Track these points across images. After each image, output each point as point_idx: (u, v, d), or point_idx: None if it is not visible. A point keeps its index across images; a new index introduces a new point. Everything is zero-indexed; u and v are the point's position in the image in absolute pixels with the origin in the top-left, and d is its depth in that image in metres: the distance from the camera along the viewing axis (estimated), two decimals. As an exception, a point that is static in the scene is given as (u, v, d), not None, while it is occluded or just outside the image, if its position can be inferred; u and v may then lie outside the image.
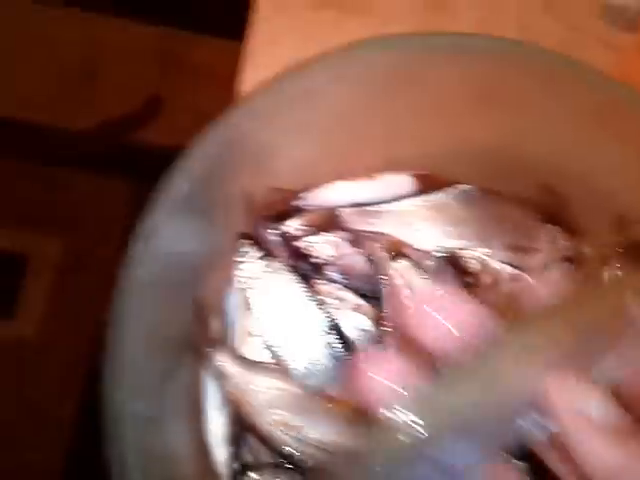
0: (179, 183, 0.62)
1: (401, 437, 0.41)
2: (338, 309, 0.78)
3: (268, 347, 0.75)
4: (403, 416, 0.42)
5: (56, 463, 1.75)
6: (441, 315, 0.47)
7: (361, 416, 0.74)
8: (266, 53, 0.95)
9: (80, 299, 1.91)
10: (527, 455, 0.67)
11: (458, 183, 0.81)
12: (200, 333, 0.75)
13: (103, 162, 2.07)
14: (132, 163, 2.06)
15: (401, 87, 0.75)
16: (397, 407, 0.42)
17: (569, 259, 0.82)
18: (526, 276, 0.78)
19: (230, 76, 1.00)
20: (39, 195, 1.98)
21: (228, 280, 0.77)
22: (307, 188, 0.81)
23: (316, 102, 0.72)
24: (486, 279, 0.77)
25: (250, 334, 0.76)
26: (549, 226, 0.81)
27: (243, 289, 0.76)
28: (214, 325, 0.76)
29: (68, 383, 1.83)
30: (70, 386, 1.82)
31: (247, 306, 0.75)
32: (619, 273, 0.76)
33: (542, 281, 0.79)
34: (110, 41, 2.14)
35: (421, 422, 0.41)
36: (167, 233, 0.62)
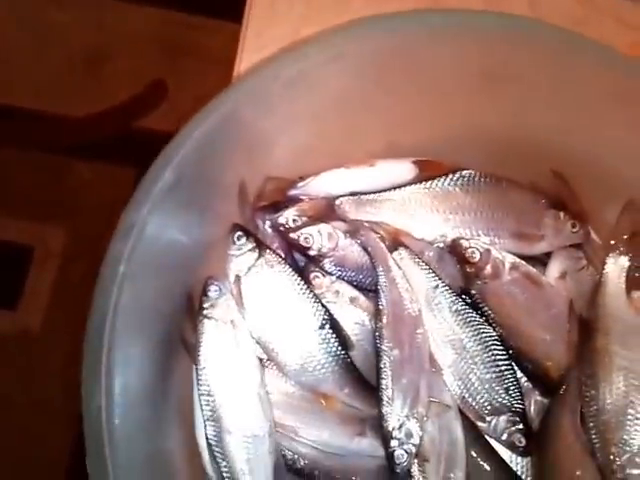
0: (162, 174, 0.60)
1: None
2: (334, 302, 0.75)
3: (260, 342, 0.72)
4: None
5: (62, 454, 1.74)
6: None
7: (352, 415, 0.73)
8: (265, 34, 0.92)
9: (85, 288, 1.89)
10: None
11: (461, 169, 0.79)
12: (191, 326, 0.72)
13: (107, 149, 2.05)
14: (136, 149, 2.04)
15: (401, 68, 0.72)
16: None
17: (575, 245, 0.79)
18: (527, 265, 0.76)
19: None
20: (42, 184, 1.97)
21: (221, 272, 0.75)
22: (304, 176, 0.78)
23: (312, 84, 0.70)
24: (487, 269, 0.74)
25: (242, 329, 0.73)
26: (555, 212, 0.78)
27: (236, 281, 0.73)
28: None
29: (73, 374, 1.82)
30: (76, 377, 1.81)
31: (239, 300, 0.73)
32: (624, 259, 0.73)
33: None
34: (114, 26, 2.12)
35: None
36: (151, 228, 0.60)
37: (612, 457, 0.67)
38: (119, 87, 2.10)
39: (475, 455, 0.72)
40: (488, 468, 0.72)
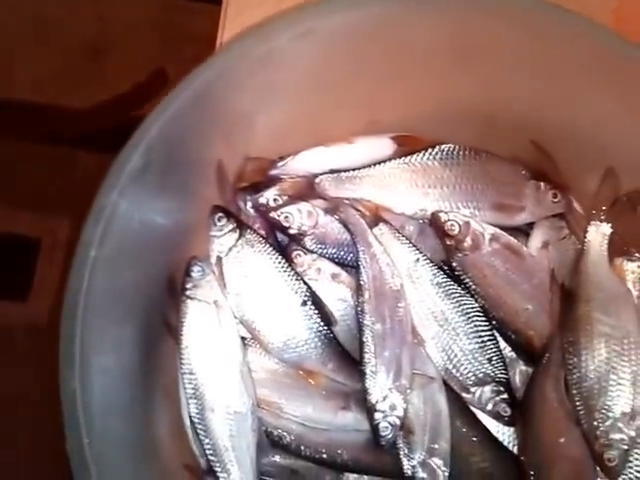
0: (130, 158, 0.60)
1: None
2: (315, 280, 0.76)
3: (244, 321, 0.73)
4: None
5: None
6: None
7: (337, 390, 0.74)
8: (245, 14, 0.92)
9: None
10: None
11: (440, 143, 0.78)
12: (173, 307, 0.73)
13: (110, 138, 2.05)
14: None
15: (375, 44, 0.71)
16: None
17: (558, 215, 0.79)
18: (508, 236, 0.75)
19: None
20: (47, 176, 1.97)
21: (204, 254, 0.75)
22: (284, 156, 0.79)
23: (285, 61, 0.69)
24: (467, 241, 0.74)
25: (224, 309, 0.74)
26: (535, 182, 0.77)
27: (217, 262, 0.74)
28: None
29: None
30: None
31: (221, 280, 0.73)
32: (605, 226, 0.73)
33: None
34: (113, 16, 2.11)
35: None
36: (123, 212, 0.60)
37: (596, 423, 0.67)
38: (120, 77, 2.09)
39: (460, 425, 0.72)
40: (474, 438, 0.72)
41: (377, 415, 0.70)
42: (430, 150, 0.78)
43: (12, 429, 1.73)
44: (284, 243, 0.80)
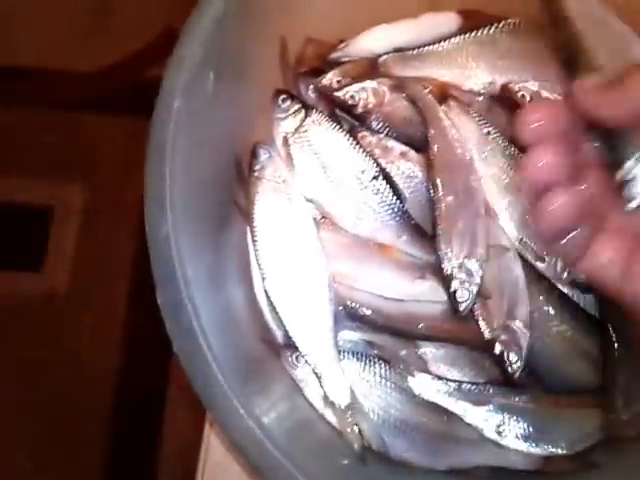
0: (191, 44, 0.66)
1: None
2: (384, 158, 0.78)
3: (314, 200, 0.76)
4: None
5: (103, 410, 1.78)
6: None
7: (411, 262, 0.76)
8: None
9: (108, 243, 1.93)
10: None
11: (507, 18, 0.81)
12: (242, 190, 0.76)
13: (119, 101, 2.07)
14: (148, 99, 2.06)
15: None
16: None
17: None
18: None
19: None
20: (56, 142, 1.99)
21: (269, 140, 0.78)
22: (344, 38, 0.81)
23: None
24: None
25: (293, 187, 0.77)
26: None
27: (284, 143, 0.77)
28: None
29: (105, 330, 1.86)
30: (108, 333, 1.85)
31: (289, 161, 0.76)
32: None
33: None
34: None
35: None
36: (185, 99, 0.64)
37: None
38: (126, 38, 2.11)
39: (538, 293, 0.75)
40: (552, 304, 0.75)
41: (454, 283, 0.73)
42: (497, 24, 0.80)
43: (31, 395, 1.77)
44: (349, 123, 0.82)
